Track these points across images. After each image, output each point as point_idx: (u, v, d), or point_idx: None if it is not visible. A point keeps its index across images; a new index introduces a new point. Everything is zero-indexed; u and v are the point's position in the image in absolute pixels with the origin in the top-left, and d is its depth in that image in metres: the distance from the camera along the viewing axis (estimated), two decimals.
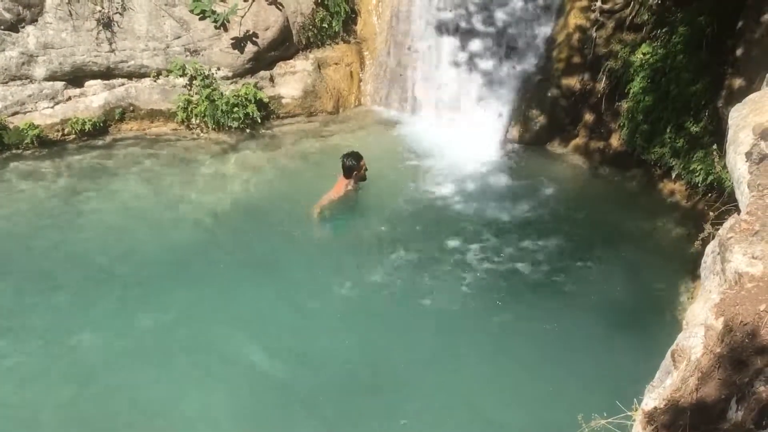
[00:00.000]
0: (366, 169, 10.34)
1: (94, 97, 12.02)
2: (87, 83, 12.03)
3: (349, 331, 8.39)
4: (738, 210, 4.47)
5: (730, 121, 4.98)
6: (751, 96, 5.16)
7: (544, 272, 9.19)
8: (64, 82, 11.87)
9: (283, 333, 8.38)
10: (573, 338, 8.10)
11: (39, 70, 11.66)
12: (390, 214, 10.26)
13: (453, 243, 9.69)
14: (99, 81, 12.06)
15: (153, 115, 12.30)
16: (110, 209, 10.54)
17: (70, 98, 11.92)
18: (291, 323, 8.51)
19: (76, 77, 11.92)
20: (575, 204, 10.57)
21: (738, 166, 4.52)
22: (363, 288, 9.00)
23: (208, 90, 11.95)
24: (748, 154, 4.47)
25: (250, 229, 10.08)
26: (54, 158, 11.57)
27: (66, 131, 11.88)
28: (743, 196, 4.34)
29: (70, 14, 11.47)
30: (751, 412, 2.92)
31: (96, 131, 12.03)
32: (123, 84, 12.15)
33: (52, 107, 11.86)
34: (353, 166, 10.18)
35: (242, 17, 11.90)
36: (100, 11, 11.56)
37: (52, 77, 11.77)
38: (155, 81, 12.18)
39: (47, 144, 11.77)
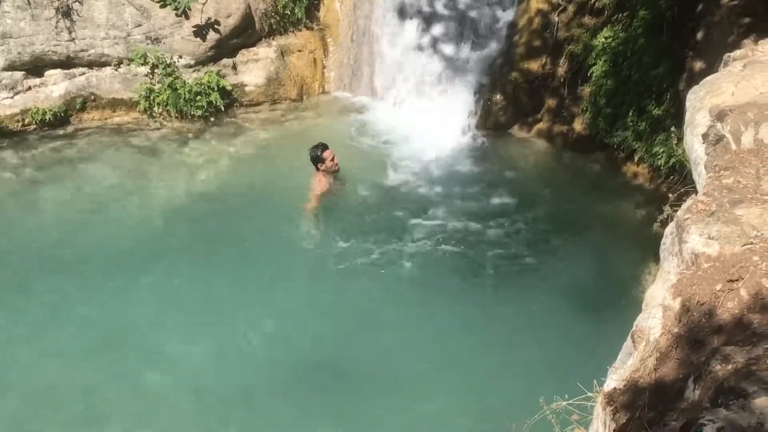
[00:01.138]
0: (335, 161, 10.17)
1: (55, 87, 11.90)
2: (47, 73, 11.91)
3: (314, 321, 8.38)
4: (696, 191, 4.50)
5: (687, 103, 5.02)
6: (708, 78, 5.20)
7: (509, 256, 9.23)
8: (23, 72, 11.74)
9: (248, 324, 8.36)
10: (536, 322, 8.15)
11: None
12: (354, 200, 10.25)
13: (417, 229, 9.70)
14: (59, 70, 11.94)
15: (115, 104, 12.19)
16: (72, 200, 10.46)
17: (29, 88, 11.79)
18: (256, 313, 8.48)
19: (35, 67, 11.79)
20: (539, 188, 10.61)
21: (695, 147, 4.56)
22: (327, 276, 9.00)
23: (171, 78, 11.87)
24: (705, 136, 4.50)
25: (213, 219, 10.04)
26: (14, 149, 11.48)
27: (26, 122, 11.76)
28: (700, 177, 4.38)
29: (29, 3, 11.34)
30: (707, 391, 2.94)
31: (57, 121, 11.92)
32: (84, 73, 12.03)
33: (12, 97, 11.74)
34: (316, 157, 10.08)
35: (203, 4, 11.82)
36: (59, 0, 11.43)
37: (11, 67, 11.64)
38: (116, 70, 12.07)
39: (7, 135, 11.66)
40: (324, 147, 10.13)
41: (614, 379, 3.64)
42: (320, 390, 7.52)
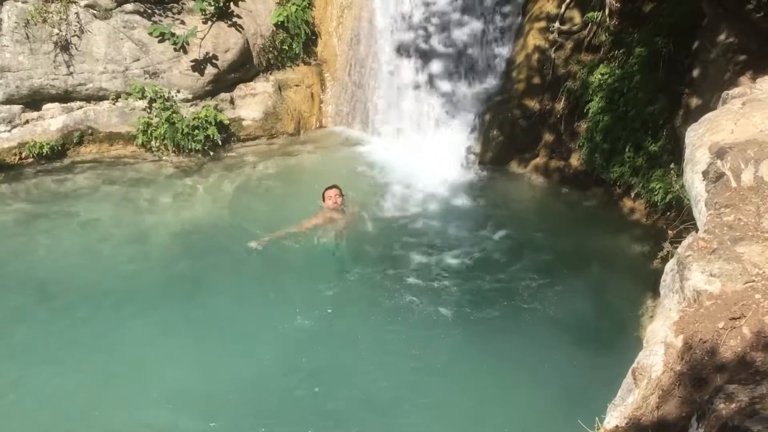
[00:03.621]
0: (335, 201, 10.21)
1: (52, 121, 11.91)
2: (45, 106, 11.92)
3: (309, 353, 8.31)
4: (696, 228, 4.50)
5: (687, 141, 5.03)
6: (707, 115, 5.22)
7: (505, 292, 9.19)
8: (21, 106, 11.74)
9: (241, 356, 8.28)
10: (534, 357, 8.09)
11: None
12: (352, 234, 10.23)
13: (415, 263, 9.67)
14: (57, 104, 11.95)
15: (112, 138, 12.20)
16: (68, 233, 10.44)
17: (27, 122, 11.80)
18: (250, 346, 8.42)
19: (33, 100, 11.80)
20: (536, 223, 10.62)
21: (695, 184, 4.56)
22: (324, 309, 8.94)
23: (168, 112, 11.89)
24: (705, 173, 4.51)
25: (210, 252, 10.00)
26: (11, 182, 11.46)
27: (24, 155, 11.76)
28: (701, 214, 4.38)
29: (27, 37, 11.38)
30: (711, 430, 2.93)
31: (54, 155, 11.91)
32: (81, 107, 12.06)
33: (9, 131, 11.74)
34: (322, 194, 10.21)
35: (202, 39, 11.89)
36: (57, 34, 11.48)
37: (9, 101, 11.64)
38: (114, 104, 12.09)
39: (4, 168, 11.65)
40: (330, 187, 10.26)
41: (615, 417, 3.62)
42: (310, 421, 7.46)
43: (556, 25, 11.39)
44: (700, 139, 4.84)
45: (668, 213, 9.46)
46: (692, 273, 3.74)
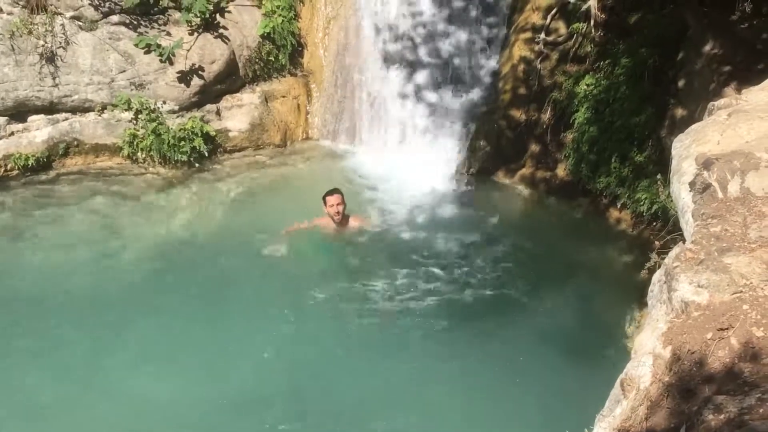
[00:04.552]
0: (337, 210, 10.02)
1: (38, 132, 11.83)
2: (30, 118, 11.83)
3: (297, 363, 8.30)
4: (683, 239, 4.52)
5: (673, 151, 5.05)
6: (694, 126, 5.24)
7: (492, 303, 9.19)
8: (6, 117, 11.65)
9: (230, 368, 8.26)
10: (521, 368, 8.09)
11: None
12: (338, 245, 10.23)
13: (401, 274, 9.65)
14: (42, 116, 11.86)
15: (98, 149, 12.14)
16: (53, 245, 10.36)
17: (12, 133, 11.72)
18: (238, 358, 8.40)
19: (19, 112, 11.72)
20: (523, 234, 10.63)
21: (682, 195, 4.58)
22: (310, 319, 8.93)
23: (154, 124, 11.85)
24: (692, 184, 4.53)
25: (196, 265, 9.97)
26: None
27: (8, 167, 11.68)
28: (688, 225, 4.39)
29: (12, 49, 11.33)
30: None
31: (40, 166, 11.83)
32: (67, 119, 11.99)
33: None
34: (323, 198, 10.09)
35: (188, 51, 11.88)
36: (43, 45, 11.44)
37: None
38: (100, 115, 12.04)
39: None
40: (331, 192, 10.12)
41: (603, 428, 3.62)
42: (305, 421, 7.46)
43: (542, 36, 11.41)
44: (687, 150, 4.86)
45: (654, 223, 9.48)
46: (680, 284, 3.75)
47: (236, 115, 12.62)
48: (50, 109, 11.86)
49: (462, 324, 8.89)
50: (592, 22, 10.81)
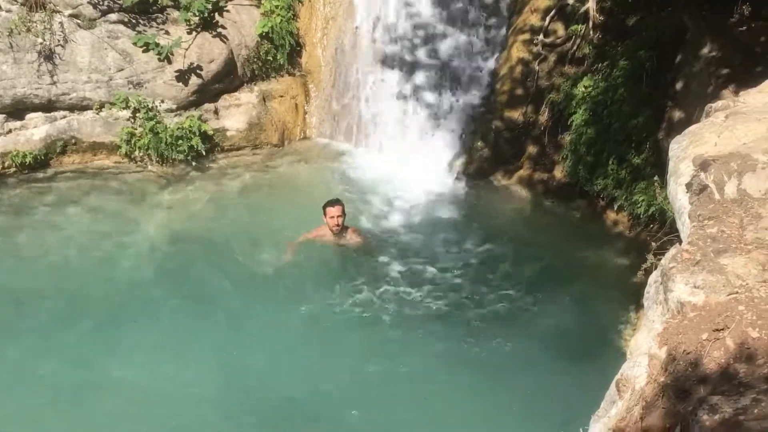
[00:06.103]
0: (335, 221, 9.80)
1: (35, 130, 11.82)
2: (28, 116, 11.81)
3: (293, 365, 8.30)
4: (679, 240, 4.52)
5: (670, 153, 5.05)
6: (691, 128, 5.24)
7: (489, 303, 9.20)
8: (4, 115, 11.63)
9: (226, 369, 8.26)
10: (517, 368, 8.10)
11: None
12: (335, 246, 10.21)
13: (396, 276, 9.67)
14: (40, 113, 11.84)
15: (96, 147, 12.12)
16: (51, 244, 10.36)
17: (10, 131, 11.70)
18: (235, 357, 8.40)
19: (16, 110, 11.70)
20: (520, 235, 10.63)
21: (679, 197, 4.58)
22: (305, 322, 8.93)
23: (152, 122, 11.84)
24: (689, 185, 4.53)
25: (193, 263, 9.97)
26: None
27: (6, 165, 11.66)
28: (684, 226, 4.40)
29: (11, 46, 11.32)
30: None
31: (37, 164, 11.81)
32: (65, 116, 11.97)
33: None
34: (323, 207, 9.89)
35: (186, 50, 11.87)
36: (41, 43, 11.43)
37: None
38: (98, 113, 12.02)
39: None
40: (332, 202, 9.92)
41: (598, 428, 3.63)
42: (302, 422, 7.48)
43: (540, 37, 11.42)
44: (684, 152, 4.86)
45: (651, 225, 9.49)
46: (676, 284, 3.75)
47: (234, 114, 12.61)
48: (48, 107, 11.84)
49: (457, 325, 8.89)
50: (590, 24, 10.82)
